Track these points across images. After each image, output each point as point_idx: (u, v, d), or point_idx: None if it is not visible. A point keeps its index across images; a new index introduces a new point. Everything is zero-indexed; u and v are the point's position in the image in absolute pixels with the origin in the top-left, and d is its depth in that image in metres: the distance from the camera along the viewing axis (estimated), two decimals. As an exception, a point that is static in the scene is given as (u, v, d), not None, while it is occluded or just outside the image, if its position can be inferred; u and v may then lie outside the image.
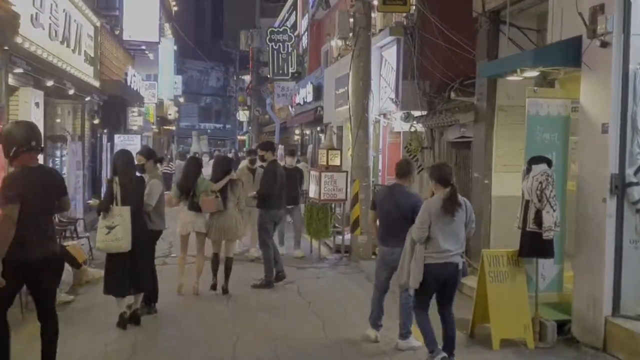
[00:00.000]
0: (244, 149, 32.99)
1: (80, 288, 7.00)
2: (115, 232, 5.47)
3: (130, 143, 13.79)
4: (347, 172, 9.59)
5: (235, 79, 49.59)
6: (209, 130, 55.10)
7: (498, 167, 8.01)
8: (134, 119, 19.97)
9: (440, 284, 4.82)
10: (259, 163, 8.87)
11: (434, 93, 9.71)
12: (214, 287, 7.11)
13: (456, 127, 9.10)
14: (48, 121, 11.17)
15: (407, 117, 9.75)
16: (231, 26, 48.73)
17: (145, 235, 5.75)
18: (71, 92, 11.02)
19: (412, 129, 9.86)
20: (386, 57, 10.59)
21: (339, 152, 9.59)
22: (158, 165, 6.77)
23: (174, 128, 37.60)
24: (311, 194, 9.73)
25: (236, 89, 47.76)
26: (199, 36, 52.11)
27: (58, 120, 12.41)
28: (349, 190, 9.48)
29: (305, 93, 16.81)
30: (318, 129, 15.97)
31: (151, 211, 5.93)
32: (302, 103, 17.58)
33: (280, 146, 20.51)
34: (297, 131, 20.84)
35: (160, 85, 28.31)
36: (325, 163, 9.49)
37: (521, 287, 5.65)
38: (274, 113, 21.37)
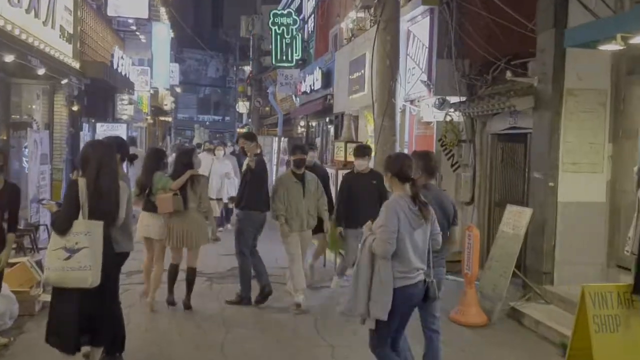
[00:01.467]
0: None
1: (29, 322, 5.33)
2: (79, 258, 3.82)
3: (114, 134, 12.10)
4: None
5: (235, 69, 47.81)
6: (207, 122, 53.39)
7: (566, 165, 6.37)
8: (124, 107, 18.28)
9: (411, 310, 3.87)
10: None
11: (476, 75, 8.02)
12: (170, 302, 6.03)
13: (504, 116, 7.43)
14: (10, 105, 9.52)
15: (442, 104, 8.06)
16: (231, 14, 46.86)
17: (110, 261, 4.06)
18: (41, 71, 9.33)
19: (448, 119, 8.18)
20: (415, 33, 8.89)
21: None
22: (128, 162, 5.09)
23: (170, 119, 35.84)
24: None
25: (236, 80, 45.96)
26: (197, 24, 50.22)
27: (30, 106, 10.76)
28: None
29: (313, 80, 15.07)
30: (327, 119, 14.24)
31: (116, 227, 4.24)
32: (308, 91, 15.85)
33: (283, 139, 18.82)
34: (301, 123, 19.12)
35: (155, 74, 26.60)
36: (342, 158, 7.82)
37: (638, 338, 3.99)
38: (277, 103, 19.62)
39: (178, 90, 35.86)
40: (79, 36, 12.16)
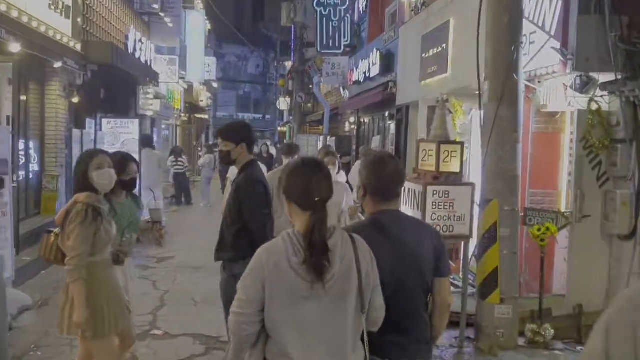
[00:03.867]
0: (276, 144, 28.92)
1: None
2: None
3: (124, 131, 9.71)
4: (473, 185, 5.19)
5: (276, 64, 45.47)
6: (247, 121, 51.26)
7: None
8: (148, 102, 15.96)
9: None
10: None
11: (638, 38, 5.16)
12: None
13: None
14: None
15: (587, 85, 5.23)
16: (273, 7, 44.53)
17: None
18: (15, 48, 6.97)
19: (594, 107, 5.33)
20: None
21: (459, 147, 5.12)
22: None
23: (207, 117, 33.66)
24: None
25: (277, 77, 43.60)
26: (238, 17, 48.19)
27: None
28: (475, 219, 5.12)
29: (368, 65, 12.35)
30: (386, 113, 11.49)
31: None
32: (362, 80, 13.14)
33: (330, 139, 16.18)
34: (351, 119, 16.44)
35: (189, 67, 24.37)
36: (433, 167, 5.08)
37: None
38: (322, 96, 16.97)
39: (215, 85, 33.64)
40: (82, 11, 9.81)
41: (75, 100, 9.54)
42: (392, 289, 2.20)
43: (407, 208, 5.17)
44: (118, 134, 9.59)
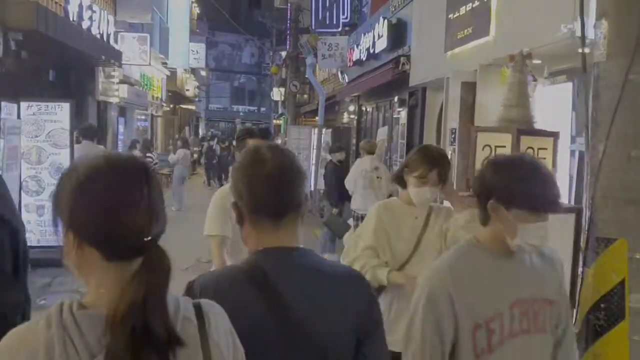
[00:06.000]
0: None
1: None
2: None
3: (51, 119, 7.32)
4: (579, 210, 2.84)
5: (271, 54, 43.10)
6: (241, 113, 48.91)
7: None
8: (112, 87, 13.60)
9: None
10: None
11: None
12: None
13: None
14: None
15: None
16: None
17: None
18: None
19: None
20: None
21: (551, 141, 2.78)
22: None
23: (194, 108, 31.21)
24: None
25: (272, 66, 41.22)
26: (233, 4, 45.69)
27: None
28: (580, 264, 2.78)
29: (372, 38, 9.93)
30: (395, 99, 9.00)
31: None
32: (364, 58, 10.74)
33: (325, 130, 13.78)
34: (350, 108, 14.05)
35: (171, 52, 22.01)
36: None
37: None
38: (316, 80, 14.60)
39: (203, 73, 31.21)
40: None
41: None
42: None
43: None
44: (42, 122, 7.24)
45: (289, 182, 1.41)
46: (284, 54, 34.52)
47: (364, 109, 13.06)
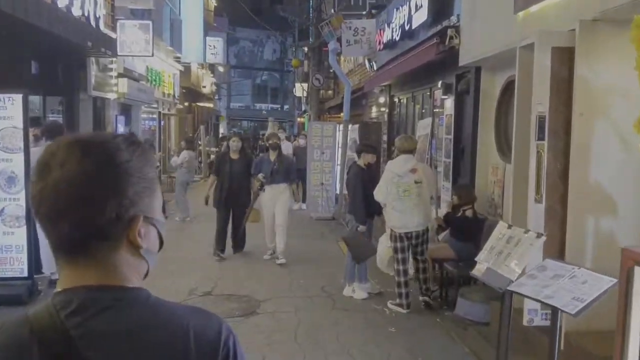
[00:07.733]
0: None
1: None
2: None
3: (1, 115, 5.71)
4: None
5: (294, 49, 41.41)
6: (264, 112, 47.30)
7: None
8: (110, 81, 12.06)
9: None
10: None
11: None
12: None
13: None
14: None
15: None
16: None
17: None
18: None
19: None
20: None
21: None
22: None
23: (212, 106, 29.63)
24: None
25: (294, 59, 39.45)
26: (255, 1, 44.11)
27: None
28: None
29: (408, 12, 8.09)
30: (438, 84, 7.14)
31: None
32: (397, 38, 8.91)
33: (353, 127, 11.99)
34: (380, 99, 12.22)
35: (184, 46, 20.46)
36: None
37: None
38: (340, 68, 12.78)
39: (221, 69, 29.63)
40: None
41: None
42: None
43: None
44: (-11, 119, 5.65)
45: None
46: (306, 49, 32.83)
47: (396, 100, 11.21)
